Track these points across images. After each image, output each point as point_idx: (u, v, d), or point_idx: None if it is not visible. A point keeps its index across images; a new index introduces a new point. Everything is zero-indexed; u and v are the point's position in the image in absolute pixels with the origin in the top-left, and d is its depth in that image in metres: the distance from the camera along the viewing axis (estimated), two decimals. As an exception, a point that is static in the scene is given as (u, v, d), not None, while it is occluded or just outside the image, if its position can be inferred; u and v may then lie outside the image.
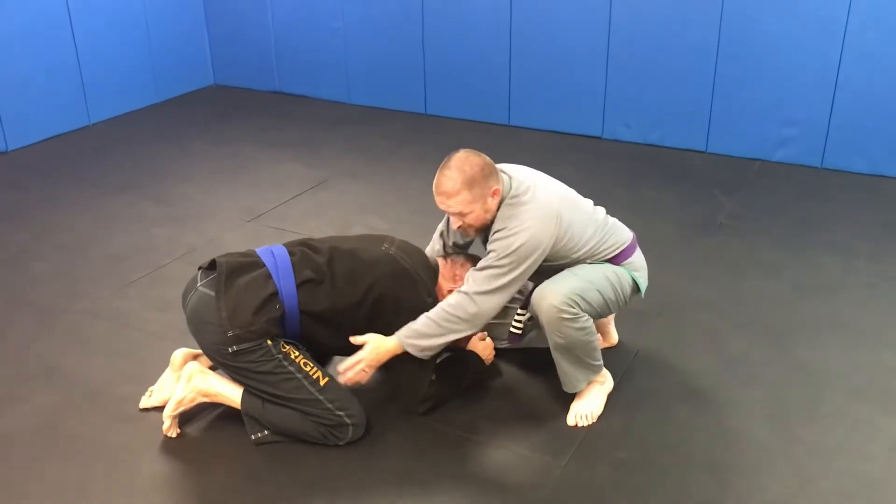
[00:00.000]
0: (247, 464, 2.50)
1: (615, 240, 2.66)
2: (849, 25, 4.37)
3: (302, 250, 2.57)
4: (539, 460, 2.50)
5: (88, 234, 4.04)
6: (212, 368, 2.65)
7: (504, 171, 2.55)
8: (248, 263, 2.53)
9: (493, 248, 2.47)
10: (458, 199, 2.44)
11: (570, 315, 2.48)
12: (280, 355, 2.45)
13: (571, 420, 2.65)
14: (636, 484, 2.40)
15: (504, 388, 2.85)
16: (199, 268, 2.60)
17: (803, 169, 4.68)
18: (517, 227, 2.44)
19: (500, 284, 2.45)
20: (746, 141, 4.82)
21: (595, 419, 2.65)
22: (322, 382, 2.48)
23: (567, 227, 2.51)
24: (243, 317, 2.42)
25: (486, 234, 2.61)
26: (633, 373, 2.91)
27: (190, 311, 2.52)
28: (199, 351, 2.67)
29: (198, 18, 6.30)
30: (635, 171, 4.72)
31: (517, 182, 2.53)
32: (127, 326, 3.24)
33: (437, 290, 2.66)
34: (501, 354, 2.95)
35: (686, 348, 3.05)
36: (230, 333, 2.41)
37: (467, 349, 2.79)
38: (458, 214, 2.49)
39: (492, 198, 2.47)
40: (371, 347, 2.52)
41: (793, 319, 3.22)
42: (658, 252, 2.95)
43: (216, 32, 6.36)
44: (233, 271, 2.49)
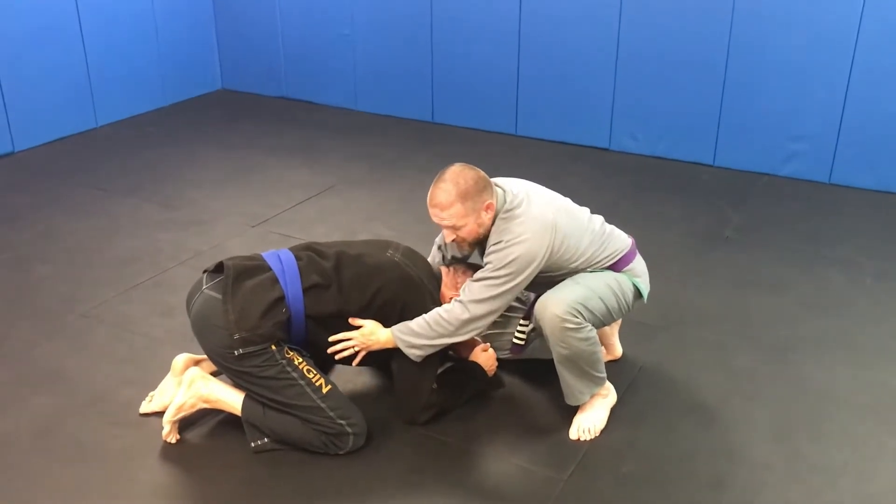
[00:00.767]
0: (246, 471, 2.48)
1: (613, 247, 2.65)
2: (858, 41, 4.35)
3: (308, 255, 2.56)
4: (541, 473, 2.48)
5: (93, 238, 4.04)
6: (213, 374, 2.64)
7: (498, 185, 2.55)
8: (255, 267, 2.52)
9: (489, 259, 2.48)
10: (452, 211, 2.45)
11: (573, 325, 2.47)
12: (284, 361, 2.43)
13: (574, 433, 2.63)
14: (640, 499, 2.38)
15: (506, 399, 2.84)
16: (205, 271, 2.59)
17: (811, 184, 4.66)
18: (513, 239, 2.45)
19: (493, 294, 2.45)
20: (754, 155, 4.81)
21: (598, 433, 2.63)
22: (325, 390, 2.47)
23: (563, 238, 2.51)
24: (250, 320, 2.40)
25: (482, 247, 2.61)
26: (637, 386, 2.89)
27: (195, 314, 2.51)
28: (200, 356, 2.66)
29: (207, 23, 6.31)
30: (642, 183, 4.70)
31: (511, 195, 2.53)
32: (129, 331, 3.23)
33: (440, 298, 2.64)
34: (504, 365, 2.93)
35: (691, 363, 3.03)
36: (236, 336, 2.39)
37: (470, 360, 2.78)
38: (452, 228, 2.50)
39: (485, 212, 2.48)
40: (366, 330, 2.53)
41: (798, 335, 3.20)
42: (663, 265, 2.94)
43: (225, 37, 6.37)
44: (240, 274, 2.48)
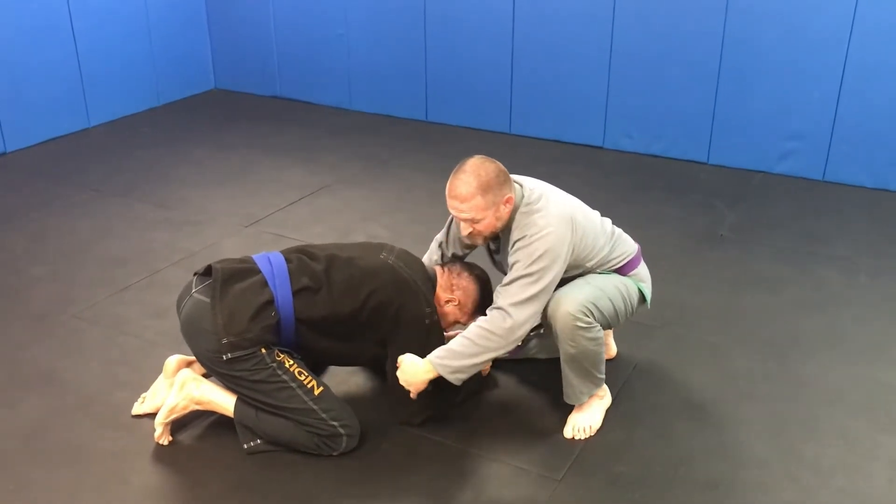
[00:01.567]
0: (239, 473, 2.47)
1: (622, 250, 2.64)
2: (852, 38, 4.35)
3: (299, 257, 2.54)
4: (536, 474, 2.47)
5: (86, 238, 4.02)
6: (205, 376, 2.62)
7: (515, 181, 2.53)
8: (244, 270, 2.50)
9: (517, 258, 2.43)
10: (472, 203, 2.41)
11: (584, 324, 2.46)
12: (274, 364, 2.42)
13: (569, 433, 2.62)
14: (634, 499, 2.37)
15: (501, 400, 2.82)
16: (195, 274, 2.58)
17: (805, 182, 4.66)
18: (537, 234, 2.41)
19: (533, 293, 2.39)
20: (748, 153, 4.80)
21: (594, 432, 2.62)
22: (316, 392, 2.45)
23: (581, 234, 2.50)
24: (239, 324, 2.39)
25: (496, 241, 2.59)
26: (631, 385, 2.88)
27: (184, 318, 2.50)
28: (192, 358, 2.65)
29: (200, 22, 6.29)
30: (636, 181, 4.70)
31: (528, 191, 2.51)
32: (122, 332, 3.21)
33: (435, 300, 2.63)
34: (498, 366, 2.92)
35: (686, 362, 3.03)
36: (225, 341, 2.38)
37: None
38: (470, 220, 2.45)
39: (504, 205, 2.45)
40: (407, 369, 2.46)
41: (793, 334, 3.19)
42: (658, 263, 2.93)
43: (218, 36, 6.35)
44: (228, 278, 2.47)
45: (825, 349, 3.10)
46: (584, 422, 2.63)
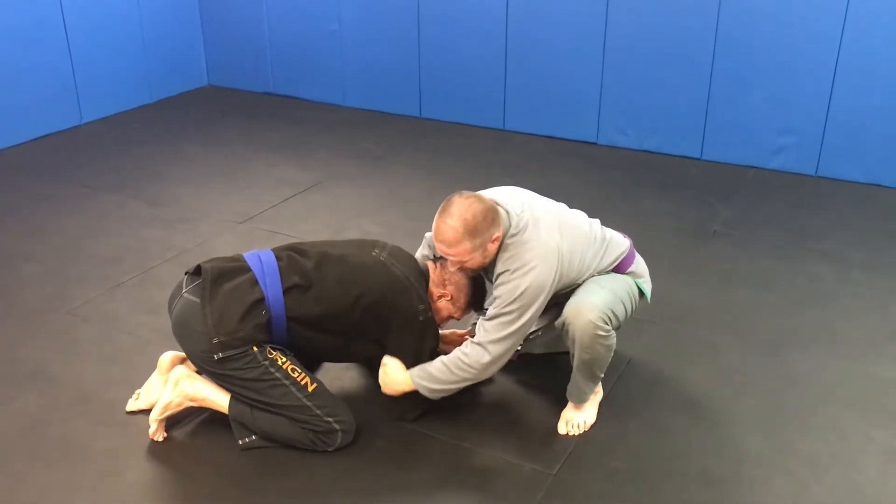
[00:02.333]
0: (234, 469, 2.46)
1: (615, 252, 2.63)
2: (844, 34, 4.36)
3: (289, 255, 2.53)
4: (530, 468, 2.47)
5: (78, 236, 4.00)
6: (199, 373, 2.61)
7: (499, 204, 2.46)
8: (234, 268, 2.50)
9: (498, 293, 2.42)
10: (459, 248, 2.39)
11: (604, 332, 2.45)
12: (266, 362, 2.41)
13: (563, 428, 2.63)
14: (629, 494, 2.38)
15: (495, 395, 2.82)
16: (186, 273, 2.57)
17: (798, 177, 4.67)
18: (520, 269, 2.39)
19: (510, 331, 2.41)
20: (742, 149, 4.81)
21: (588, 427, 2.63)
22: (310, 388, 2.45)
23: (569, 259, 2.47)
24: (229, 323, 2.38)
25: (486, 271, 2.57)
26: (625, 381, 2.88)
27: (175, 318, 2.49)
28: (186, 354, 2.64)
29: (192, 18, 6.26)
30: (630, 177, 4.70)
31: (515, 218, 2.45)
32: (115, 329, 3.20)
33: (428, 296, 2.62)
34: (493, 361, 2.92)
35: (679, 357, 3.03)
36: (215, 340, 2.37)
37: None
38: (457, 262, 2.45)
39: (492, 244, 2.42)
40: (388, 370, 2.54)
41: (787, 329, 3.20)
42: (652, 259, 2.94)
43: (211, 33, 6.32)
44: (218, 277, 2.46)
45: (818, 344, 3.11)
46: (579, 417, 2.64)
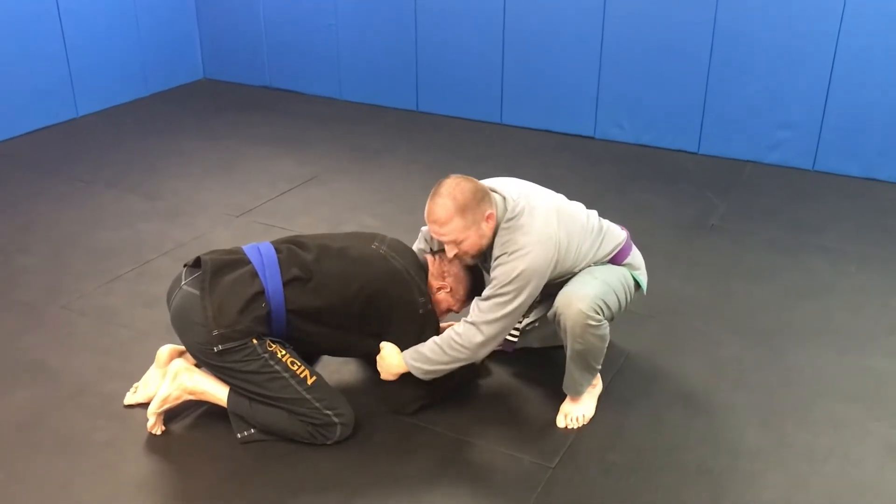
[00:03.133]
0: (233, 463, 2.46)
1: (611, 243, 2.63)
2: (842, 29, 4.36)
3: (289, 248, 2.53)
4: (529, 462, 2.48)
5: (74, 229, 3.99)
6: (197, 366, 2.61)
7: (496, 191, 2.48)
8: (234, 261, 2.49)
9: (494, 274, 2.43)
10: (451, 226, 2.40)
11: (595, 322, 2.46)
12: (266, 354, 2.41)
13: (562, 422, 2.63)
14: (627, 487, 2.38)
15: (494, 388, 2.83)
16: (185, 265, 2.56)
17: (795, 171, 4.68)
18: (517, 252, 2.39)
19: (504, 313, 2.41)
20: (739, 143, 4.82)
21: (587, 421, 2.63)
22: (309, 381, 2.45)
23: (566, 247, 2.48)
24: (229, 316, 2.38)
25: (485, 259, 2.58)
26: (623, 375, 2.89)
27: (174, 311, 2.48)
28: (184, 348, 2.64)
29: (188, 11, 6.24)
30: (627, 171, 4.70)
31: (511, 203, 2.46)
32: (112, 322, 3.19)
33: (427, 288, 2.62)
34: (491, 355, 2.92)
35: (677, 351, 3.04)
36: (215, 333, 2.37)
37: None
38: (453, 242, 2.45)
39: (486, 222, 2.43)
40: (384, 353, 2.55)
41: (784, 322, 3.21)
42: (649, 253, 2.94)
43: (206, 26, 6.30)
44: (218, 269, 2.45)
45: (816, 337, 3.11)
46: (577, 411, 2.64)
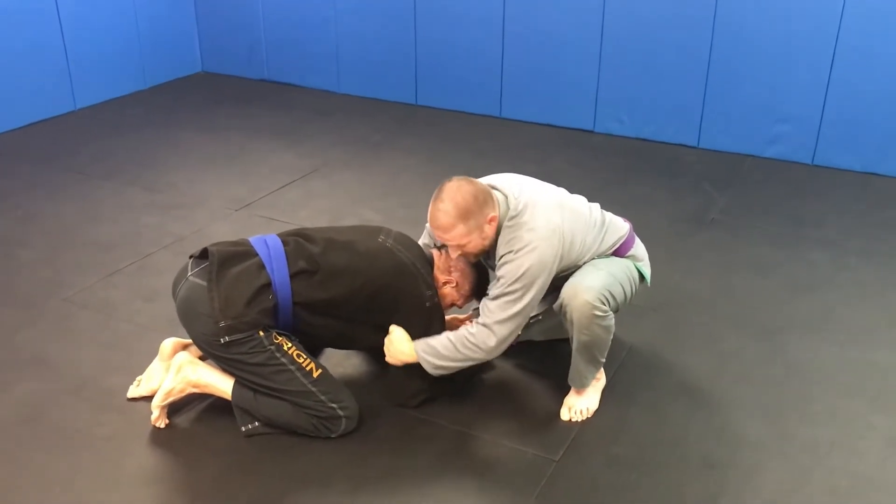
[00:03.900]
0: (237, 456, 2.46)
1: (614, 236, 2.64)
2: (842, 23, 4.36)
3: (296, 240, 2.52)
4: (533, 455, 2.48)
5: (74, 222, 3.98)
6: (202, 359, 2.61)
7: (496, 188, 2.48)
8: (241, 253, 2.49)
9: (501, 273, 2.43)
10: (455, 232, 2.40)
11: (601, 312, 2.46)
12: (272, 347, 2.41)
13: (565, 415, 2.63)
14: (631, 480, 2.39)
15: (497, 382, 2.83)
16: (191, 257, 2.56)
17: (795, 165, 4.69)
18: (522, 249, 2.39)
19: (515, 311, 2.41)
20: (738, 137, 4.82)
21: (590, 414, 2.64)
22: (315, 374, 2.45)
23: (570, 241, 2.48)
24: (235, 307, 2.37)
25: (488, 257, 2.57)
26: (626, 368, 2.89)
27: (180, 302, 2.48)
28: (188, 341, 2.63)
29: (186, 4, 6.21)
30: (627, 165, 4.70)
31: (514, 200, 2.46)
32: (113, 316, 3.19)
33: (433, 282, 2.62)
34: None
35: (679, 344, 3.04)
36: (222, 324, 2.36)
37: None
38: (457, 247, 2.45)
39: (489, 225, 2.42)
40: (393, 337, 2.53)
41: (785, 316, 3.22)
42: (649, 247, 2.95)
43: (205, 18, 6.27)
44: (225, 261, 2.45)
45: (817, 331, 3.12)
46: (581, 404, 2.64)
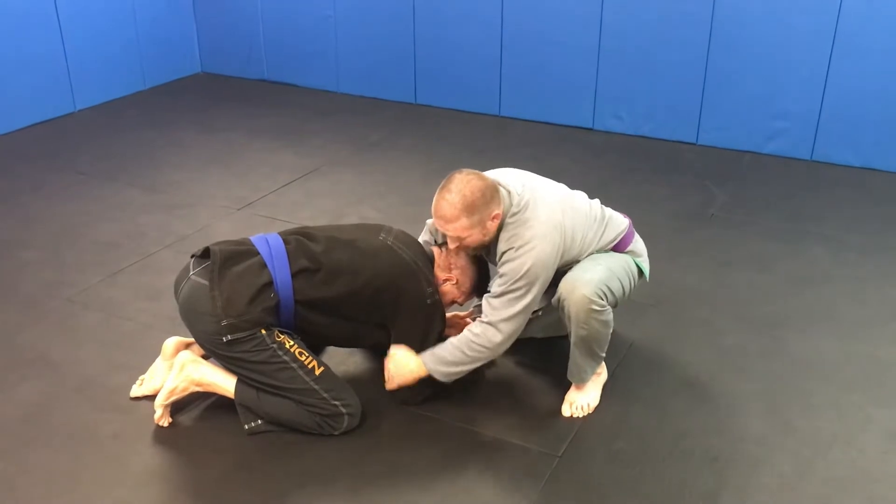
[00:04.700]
0: (240, 454, 2.47)
1: (614, 231, 2.65)
2: (840, 19, 4.37)
3: (297, 239, 2.53)
4: (536, 451, 2.49)
5: (75, 222, 3.98)
6: (204, 357, 2.62)
7: (501, 185, 2.48)
8: (243, 252, 2.49)
9: (503, 271, 2.44)
10: (457, 224, 2.41)
11: (599, 307, 2.47)
12: (275, 345, 2.42)
13: (567, 411, 2.64)
14: (633, 475, 2.40)
15: (500, 378, 2.84)
16: (192, 256, 2.57)
17: (794, 161, 4.70)
18: (524, 248, 2.40)
19: (519, 308, 2.42)
20: (737, 133, 4.83)
21: (592, 410, 2.65)
22: (317, 372, 2.46)
23: (571, 236, 2.49)
24: (237, 306, 2.38)
25: (488, 252, 2.58)
26: (627, 364, 2.90)
27: (183, 301, 2.49)
28: (191, 339, 2.64)
29: (185, 5, 6.22)
30: (626, 162, 4.71)
31: (517, 197, 2.46)
32: (116, 315, 3.20)
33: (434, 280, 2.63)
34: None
35: (680, 339, 3.05)
36: (224, 323, 2.37)
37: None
38: (456, 239, 2.46)
39: (491, 221, 2.43)
40: (398, 362, 2.54)
41: (785, 311, 3.23)
42: (650, 243, 2.96)
43: (204, 19, 6.28)
44: (226, 260, 2.46)
45: (817, 325, 3.13)
46: (582, 400, 2.65)
